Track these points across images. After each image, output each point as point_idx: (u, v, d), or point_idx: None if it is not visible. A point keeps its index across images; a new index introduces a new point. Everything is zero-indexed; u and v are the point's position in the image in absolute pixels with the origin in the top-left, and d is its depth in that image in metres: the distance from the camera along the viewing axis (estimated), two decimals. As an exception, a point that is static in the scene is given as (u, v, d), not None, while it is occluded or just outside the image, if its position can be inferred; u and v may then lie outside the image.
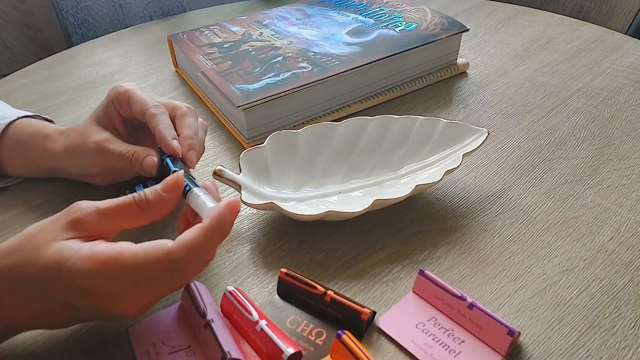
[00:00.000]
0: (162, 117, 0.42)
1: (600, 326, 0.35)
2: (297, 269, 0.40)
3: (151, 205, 0.33)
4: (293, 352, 0.32)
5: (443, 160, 0.46)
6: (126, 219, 0.33)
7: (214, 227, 0.32)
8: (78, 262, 0.29)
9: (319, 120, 0.56)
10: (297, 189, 0.46)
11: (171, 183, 0.34)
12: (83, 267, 0.29)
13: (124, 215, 0.33)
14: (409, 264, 0.40)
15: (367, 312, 0.34)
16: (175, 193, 0.34)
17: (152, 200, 0.33)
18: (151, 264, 0.30)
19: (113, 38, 0.78)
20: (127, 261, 0.29)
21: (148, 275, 0.30)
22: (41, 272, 0.29)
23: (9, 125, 0.46)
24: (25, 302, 0.31)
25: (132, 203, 0.33)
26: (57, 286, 0.30)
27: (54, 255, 0.29)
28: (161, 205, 0.34)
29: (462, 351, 0.34)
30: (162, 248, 0.30)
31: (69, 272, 0.29)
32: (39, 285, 0.30)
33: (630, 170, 0.48)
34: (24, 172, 0.48)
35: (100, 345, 0.35)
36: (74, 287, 0.29)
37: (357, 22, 0.65)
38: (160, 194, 0.34)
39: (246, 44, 0.61)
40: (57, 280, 0.29)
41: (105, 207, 0.32)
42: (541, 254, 0.41)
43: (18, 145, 0.46)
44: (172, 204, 0.34)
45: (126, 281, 0.30)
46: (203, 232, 0.31)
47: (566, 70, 0.65)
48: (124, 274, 0.29)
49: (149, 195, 0.33)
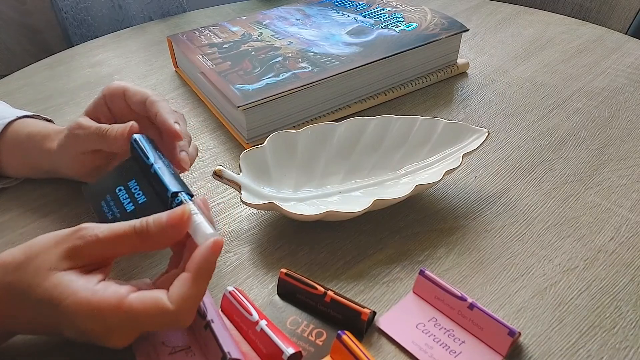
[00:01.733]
0: (163, 104, 0.42)
1: (601, 326, 0.35)
2: (297, 269, 0.40)
3: (152, 237, 0.32)
4: (293, 352, 0.32)
5: (443, 160, 0.46)
6: (126, 249, 0.32)
7: (203, 276, 0.31)
8: (74, 304, 0.29)
9: (319, 120, 0.56)
10: (297, 189, 0.46)
11: (176, 217, 0.32)
12: (80, 311, 0.29)
13: (124, 245, 0.32)
14: (409, 265, 0.40)
15: (367, 312, 0.34)
16: (179, 229, 0.32)
17: (154, 233, 0.31)
18: (149, 317, 0.30)
19: (112, 38, 0.78)
20: (125, 313, 0.29)
21: (145, 325, 0.30)
22: (39, 302, 0.30)
23: (8, 125, 0.46)
24: (24, 318, 0.31)
25: (133, 234, 0.31)
26: (54, 319, 0.30)
27: (51, 290, 0.30)
28: (163, 238, 0.32)
29: (462, 352, 0.34)
30: (160, 305, 0.30)
31: (66, 312, 0.29)
32: (38, 310, 0.30)
33: (631, 170, 0.48)
34: (24, 173, 0.48)
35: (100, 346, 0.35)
36: (70, 324, 0.30)
37: (357, 22, 0.65)
38: (163, 227, 0.32)
39: (246, 44, 0.61)
40: (54, 315, 0.30)
41: (106, 236, 0.31)
42: (541, 254, 0.41)
43: (17, 146, 0.46)
44: (175, 238, 0.32)
45: (123, 327, 0.30)
46: (194, 284, 0.30)
47: (566, 70, 0.65)
48: (122, 322, 0.30)
49: (151, 227, 0.31)
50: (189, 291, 0.30)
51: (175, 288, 0.30)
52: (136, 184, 0.38)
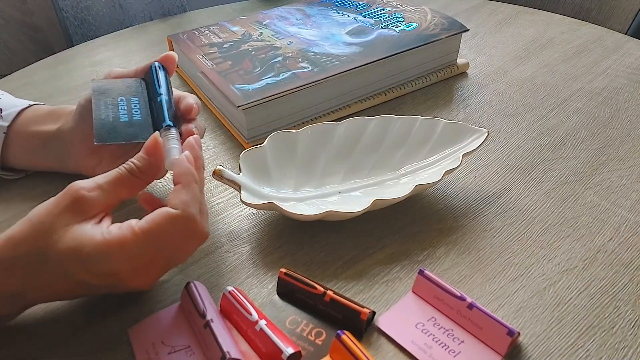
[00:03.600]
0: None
1: (600, 326, 0.35)
2: (297, 269, 0.40)
3: (142, 170, 0.35)
4: (292, 352, 0.32)
5: (443, 160, 0.46)
6: (125, 189, 0.35)
7: (190, 180, 0.34)
8: (95, 249, 0.31)
9: (319, 120, 0.56)
10: (297, 189, 0.46)
11: (151, 147, 0.36)
12: (102, 253, 0.31)
13: (123, 186, 0.35)
14: (409, 264, 0.40)
15: (367, 312, 0.34)
16: (158, 154, 0.36)
17: (142, 166, 0.35)
18: (164, 232, 0.32)
19: (113, 38, 0.78)
20: (140, 237, 0.32)
21: (164, 243, 0.33)
22: (61, 258, 0.31)
23: (20, 113, 0.47)
24: (45, 284, 0.32)
25: (126, 173, 0.35)
26: (78, 270, 0.31)
27: (71, 241, 0.31)
28: (151, 167, 0.36)
29: (461, 351, 0.34)
30: (167, 214, 0.32)
31: (89, 258, 0.31)
32: (59, 270, 0.31)
33: (630, 170, 0.48)
34: (31, 164, 0.49)
35: (100, 345, 0.35)
36: (95, 270, 0.31)
37: (357, 22, 0.65)
38: (145, 159, 0.35)
39: (246, 44, 0.61)
40: (79, 265, 0.31)
41: (105, 181, 0.34)
42: (541, 254, 0.41)
43: (25, 135, 0.46)
44: (160, 162, 0.36)
45: (145, 254, 0.32)
46: (187, 188, 0.34)
47: (566, 70, 0.65)
48: (142, 249, 0.32)
49: (137, 163, 0.35)
50: (185, 196, 0.33)
51: (171, 198, 0.33)
52: (137, 102, 0.42)
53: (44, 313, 0.37)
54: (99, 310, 0.37)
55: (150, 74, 0.43)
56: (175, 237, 0.33)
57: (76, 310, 0.37)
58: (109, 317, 0.37)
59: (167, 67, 0.44)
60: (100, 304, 0.38)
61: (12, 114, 0.46)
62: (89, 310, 0.37)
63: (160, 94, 0.41)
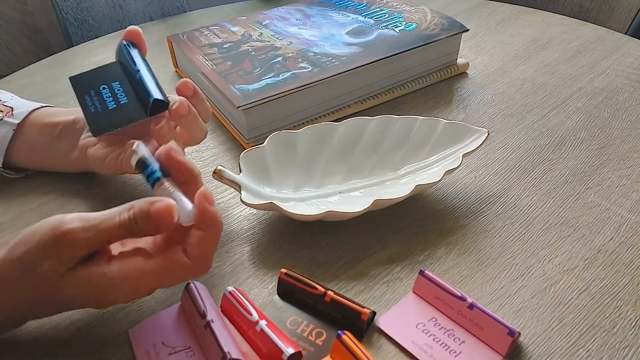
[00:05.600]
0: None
1: (601, 326, 0.35)
2: (297, 269, 0.40)
3: (141, 229, 0.31)
4: (293, 352, 0.32)
5: (443, 160, 0.46)
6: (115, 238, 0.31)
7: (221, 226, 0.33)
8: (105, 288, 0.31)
9: (319, 120, 0.56)
10: (297, 189, 0.46)
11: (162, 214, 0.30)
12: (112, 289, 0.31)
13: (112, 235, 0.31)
14: (409, 265, 0.40)
15: (367, 312, 0.34)
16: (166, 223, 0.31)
17: (143, 225, 0.31)
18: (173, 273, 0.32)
19: (113, 38, 0.78)
20: (150, 273, 0.32)
21: (169, 280, 0.33)
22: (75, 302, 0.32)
23: (30, 114, 0.47)
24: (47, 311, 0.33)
25: (119, 228, 0.30)
26: (88, 299, 0.32)
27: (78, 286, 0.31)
28: (152, 229, 0.31)
29: (462, 351, 0.34)
30: (185, 266, 0.32)
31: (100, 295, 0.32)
32: (66, 303, 0.32)
33: (630, 170, 0.48)
34: (35, 162, 0.49)
35: (100, 346, 0.35)
36: (99, 301, 0.32)
37: (357, 23, 0.65)
38: (150, 220, 0.31)
39: (246, 44, 0.61)
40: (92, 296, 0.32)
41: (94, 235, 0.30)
42: (541, 254, 0.41)
43: (38, 127, 0.47)
44: (164, 230, 0.32)
45: (147, 287, 0.32)
46: (217, 238, 0.33)
47: (566, 70, 0.65)
48: (149, 284, 0.32)
49: (139, 221, 0.31)
50: (209, 247, 0.33)
51: (194, 245, 0.32)
52: (119, 86, 0.42)
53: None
54: (99, 311, 0.37)
55: (123, 54, 0.43)
56: (182, 279, 0.33)
57: (76, 311, 0.37)
58: (109, 317, 0.37)
59: (137, 43, 0.43)
60: (101, 305, 0.38)
61: (23, 113, 0.47)
62: (89, 311, 0.37)
63: (137, 70, 0.41)
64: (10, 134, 0.46)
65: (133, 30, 0.43)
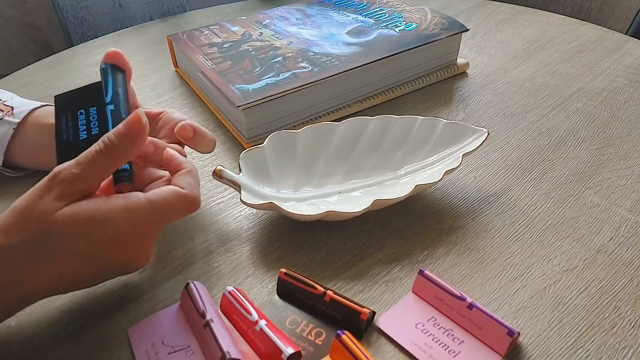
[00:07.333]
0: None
1: (600, 326, 0.35)
2: (297, 269, 0.40)
3: (119, 148, 0.33)
4: (292, 352, 0.32)
5: (443, 160, 0.46)
6: (103, 171, 0.33)
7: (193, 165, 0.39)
8: (103, 213, 0.32)
9: (319, 120, 0.56)
10: (297, 189, 0.46)
11: (134, 123, 0.33)
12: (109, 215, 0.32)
13: (100, 168, 0.33)
14: (409, 264, 0.40)
15: (367, 312, 0.34)
16: (140, 133, 0.34)
17: (118, 144, 0.33)
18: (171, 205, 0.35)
19: (113, 38, 0.78)
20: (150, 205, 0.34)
21: (168, 215, 0.35)
22: (65, 229, 0.31)
23: (31, 113, 0.47)
24: (44, 267, 0.32)
25: (101, 154, 0.33)
26: (82, 240, 0.32)
27: (75, 212, 0.32)
28: (129, 146, 0.33)
29: (461, 351, 0.34)
30: (179, 192, 0.36)
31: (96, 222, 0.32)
32: (61, 246, 0.31)
33: (630, 170, 0.48)
34: (35, 161, 0.49)
35: (100, 345, 0.35)
36: (100, 235, 0.32)
37: (357, 22, 0.65)
38: (125, 135, 0.33)
39: (246, 44, 0.61)
40: (83, 233, 0.32)
41: (82, 169, 0.32)
42: (541, 254, 0.41)
43: (39, 126, 0.47)
44: (140, 143, 0.34)
45: (149, 222, 0.34)
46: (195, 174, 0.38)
47: (566, 70, 0.65)
48: (147, 217, 0.34)
49: (113, 140, 0.33)
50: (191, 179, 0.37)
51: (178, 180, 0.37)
52: (95, 113, 0.39)
53: (43, 312, 0.37)
54: (98, 310, 0.37)
55: (103, 78, 0.40)
56: (179, 212, 0.36)
57: (76, 310, 0.37)
58: (109, 317, 0.37)
59: (119, 64, 0.41)
60: (100, 304, 0.38)
61: (23, 112, 0.47)
62: (88, 310, 0.37)
63: (107, 103, 0.38)
64: (10, 133, 0.46)
65: (113, 53, 0.41)
